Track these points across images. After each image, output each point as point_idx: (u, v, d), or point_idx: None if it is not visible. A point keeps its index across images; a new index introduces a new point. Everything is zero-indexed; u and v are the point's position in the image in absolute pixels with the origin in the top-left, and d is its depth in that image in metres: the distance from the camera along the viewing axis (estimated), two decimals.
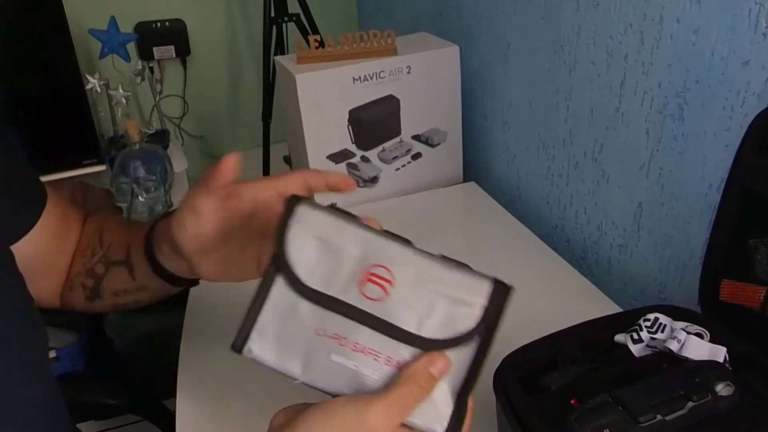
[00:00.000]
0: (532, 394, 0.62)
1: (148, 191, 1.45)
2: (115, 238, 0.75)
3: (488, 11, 1.24)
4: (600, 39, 0.94)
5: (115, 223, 0.79)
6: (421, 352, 0.48)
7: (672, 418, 0.54)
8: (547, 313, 0.79)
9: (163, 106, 2.09)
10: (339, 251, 0.51)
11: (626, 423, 0.53)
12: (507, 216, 1.16)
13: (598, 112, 0.98)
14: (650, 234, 0.92)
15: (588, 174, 1.03)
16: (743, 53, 0.72)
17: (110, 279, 0.74)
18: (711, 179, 0.79)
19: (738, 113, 0.74)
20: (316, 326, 0.49)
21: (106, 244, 0.75)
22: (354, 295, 0.49)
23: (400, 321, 0.49)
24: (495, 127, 1.29)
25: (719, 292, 0.67)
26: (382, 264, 0.50)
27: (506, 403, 0.60)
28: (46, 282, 0.76)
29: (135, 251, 0.70)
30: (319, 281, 0.50)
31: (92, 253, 0.76)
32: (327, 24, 2.05)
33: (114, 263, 0.73)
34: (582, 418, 0.54)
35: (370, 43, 1.17)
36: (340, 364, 0.49)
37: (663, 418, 0.54)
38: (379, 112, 1.19)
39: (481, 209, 1.20)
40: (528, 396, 0.61)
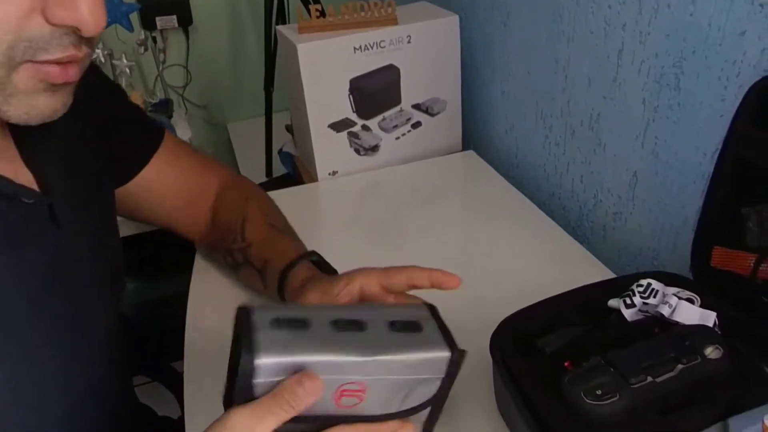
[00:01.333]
0: (528, 356, 0.62)
1: None
2: (255, 240, 0.82)
3: None
4: (598, 8, 0.93)
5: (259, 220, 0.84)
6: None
7: (662, 379, 0.55)
8: (543, 278, 0.80)
9: (167, 75, 2.08)
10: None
11: (618, 384, 0.54)
12: (505, 184, 1.16)
13: (596, 82, 0.97)
14: (644, 202, 0.92)
15: (584, 143, 1.03)
16: (740, 24, 0.71)
17: (246, 272, 0.83)
18: (705, 148, 0.79)
19: (733, 83, 0.73)
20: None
21: (247, 241, 0.82)
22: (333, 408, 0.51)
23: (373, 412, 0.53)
24: (494, 96, 1.28)
25: (711, 259, 0.67)
26: (353, 380, 0.51)
27: (502, 365, 0.61)
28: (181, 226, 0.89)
29: (270, 274, 0.77)
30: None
31: (233, 240, 0.83)
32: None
33: (251, 264, 0.81)
34: (575, 380, 0.55)
35: (371, 13, 1.16)
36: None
37: (653, 379, 0.54)
38: (379, 81, 1.18)
39: (479, 177, 1.20)
40: (523, 358, 0.61)
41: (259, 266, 0.79)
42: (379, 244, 1.02)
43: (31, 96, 0.49)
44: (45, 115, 0.51)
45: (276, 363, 0.48)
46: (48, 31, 0.47)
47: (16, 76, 0.47)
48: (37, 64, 0.48)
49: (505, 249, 0.97)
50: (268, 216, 0.85)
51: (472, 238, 1.02)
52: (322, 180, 1.23)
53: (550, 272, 0.90)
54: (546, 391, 0.56)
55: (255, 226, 0.82)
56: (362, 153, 1.23)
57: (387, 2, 1.16)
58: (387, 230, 1.06)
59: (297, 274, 0.72)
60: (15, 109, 0.49)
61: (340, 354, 0.50)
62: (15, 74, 0.47)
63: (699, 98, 0.79)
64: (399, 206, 1.14)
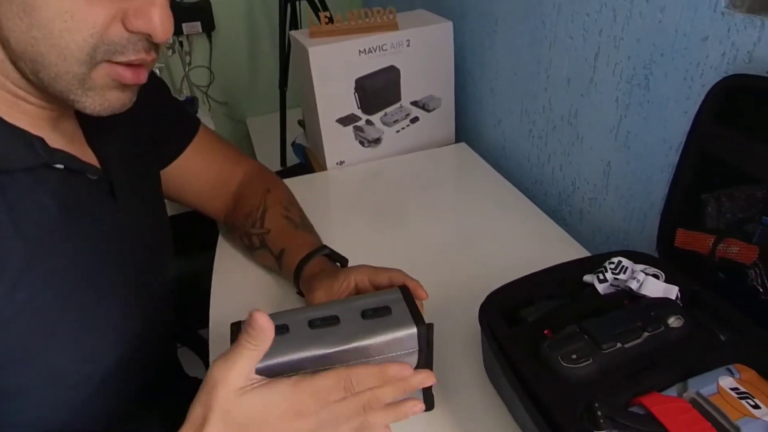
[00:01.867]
0: (512, 325, 0.63)
1: None
2: (273, 227, 0.83)
3: None
4: (577, 16, 0.93)
5: (279, 211, 0.85)
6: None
7: (630, 345, 0.55)
8: (527, 256, 0.80)
9: (192, 76, 2.08)
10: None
11: (591, 349, 0.54)
12: (493, 173, 1.16)
13: (574, 82, 0.97)
14: (617, 189, 0.92)
15: (564, 136, 1.03)
16: (703, 30, 0.71)
17: (262, 254, 0.84)
18: (671, 141, 0.79)
19: (697, 83, 0.73)
20: None
21: (266, 227, 0.83)
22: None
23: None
24: (483, 94, 1.28)
25: (674, 240, 0.67)
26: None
27: (489, 333, 0.61)
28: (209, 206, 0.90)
29: (286, 262, 0.79)
30: None
31: (252, 224, 0.85)
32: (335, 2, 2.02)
33: (269, 249, 0.82)
34: (553, 345, 0.56)
35: (374, 19, 1.15)
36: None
37: (622, 345, 0.55)
38: (381, 80, 1.18)
39: (470, 167, 1.20)
40: (508, 327, 0.62)
41: (276, 253, 0.81)
42: (381, 226, 1.02)
43: (105, 91, 0.52)
44: (115, 107, 0.54)
45: (264, 366, 0.50)
46: (126, 36, 0.49)
47: (95, 73, 0.50)
48: (113, 64, 0.50)
49: (492, 230, 0.97)
50: (287, 208, 0.85)
51: (463, 221, 1.02)
52: (330, 169, 1.23)
53: (532, 251, 0.90)
54: (528, 355, 0.57)
55: (274, 216, 0.83)
56: (366, 145, 1.23)
57: (388, 10, 1.16)
58: (388, 214, 1.06)
59: (311, 267, 0.74)
60: (91, 101, 0.52)
61: (318, 348, 0.52)
62: (94, 71, 0.50)
63: (666, 96, 0.79)
64: (399, 192, 1.14)
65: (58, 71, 0.49)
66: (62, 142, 0.57)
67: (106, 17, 0.48)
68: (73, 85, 0.50)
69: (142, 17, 0.49)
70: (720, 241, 0.62)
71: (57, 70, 0.49)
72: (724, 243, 0.62)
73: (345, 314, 0.55)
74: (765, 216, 0.59)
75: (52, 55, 0.48)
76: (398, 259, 0.74)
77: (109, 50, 0.49)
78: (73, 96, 0.51)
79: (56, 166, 0.55)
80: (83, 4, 0.46)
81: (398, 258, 0.76)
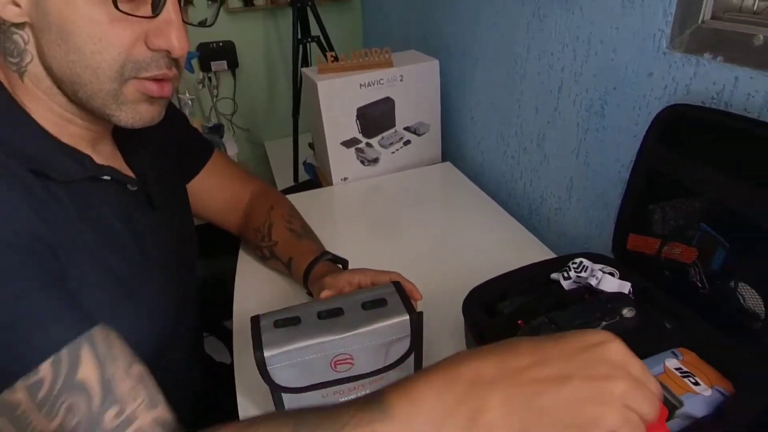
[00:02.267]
0: (490, 316, 0.63)
1: None
2: (280, 239, 0.83)
3: (461, 34, 1.23)
4: (544, 55, 0.94)
5: (283, 225, 0.84)
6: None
7: None
8: (503, 258, 0.80)
9: (219, 106, 2.08)
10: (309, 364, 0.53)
11: None
12: (474, 188, 1.16)
13: (542, 110, 0.98)
14: (578, 201, 0.93)
15: (533, 156, 1.03)
16: (648, 67, 0.72)
17: (273, 263, 0.84)
18: (623, 161, 0.80)
19: (644, 112, 0.74)
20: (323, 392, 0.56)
21: (273, 240, 0.83)
22: (332, 374, 0.54)
23: (364, 371, 0.55)
24: (465, 120, 1.29)
25: (627, 243, 0.68)
26: (340, 353, 0.53)
27: (471, 323, 0.61)
28: (226, 222, 0.89)
29: (295, 268, 0.79)
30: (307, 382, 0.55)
31: (261, 238, 0.84)
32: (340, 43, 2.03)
33: (278, 258, 0.82)
34: (525, 334, 0.55)
35: (372, 58, 1.16)
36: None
37: None
38: (379, 109, 1.18)
39: (454, 183, 1.21)
40: (487, 318, 0.62)
41: (285, 261, 0.81)
42: (379, 233, 1.02)
43: (136, 104, 0.52)
44: (146, 120, 0.53)
45: (281, 352, 0.51)
46: (149, 55, 0.49)
47: (125, 89, 0.50)
48: (140, 80, 0.50)
49: (474, 236, 0.97)
50: (289, 221, 0.85)
51: (449, 228, 1.02)
52: (336, 184, 1.23)
53: (508, 254, 0.90)
54: None
55: (279, 229, 0.83)
56: (366, 164, 1.24)
57: (384, 50, 1.17)
58: (384, 222, 1.07)
59: (316, 271, 0.75)
60: (125, 114, 0.51)
61: (326, 336, 0.52)
62: (125, 87, 0.50)
63: (618, 123, 0.79)
64: (394, 204, 1.14)
65: (93, 89, 0.49)
66: (104, 160, 0.57)
67: (130, 38, 0.48)
68: (108, 101, 0.50)
69: (162, 37, 0.48)
70: (665, 244, 0.63)
71: (93, 88, 0.49)
72: (668, 246, 0.62)
73: (348, 306, 0.55)
74: (702, 223, 0.59)
75: (87, 74, 0.48)
76: (393, 261, 0.74)
77: (135, 67, 0.49)
78: (109, 111, 0.51)
79: (103, 177, 0.55)
80: (109, 28, 0.46)
81: (393, 260, 0.76)
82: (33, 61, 0.49)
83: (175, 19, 0.49)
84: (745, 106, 0.60)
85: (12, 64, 0.49)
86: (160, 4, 0.48)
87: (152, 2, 0.48)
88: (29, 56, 0.49)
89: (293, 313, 0.54)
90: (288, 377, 0.53)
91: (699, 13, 0.63)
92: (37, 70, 0.49)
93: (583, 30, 0.82)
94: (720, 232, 0.57)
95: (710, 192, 0.58)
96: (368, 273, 0.68)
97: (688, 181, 0.60)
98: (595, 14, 0.80)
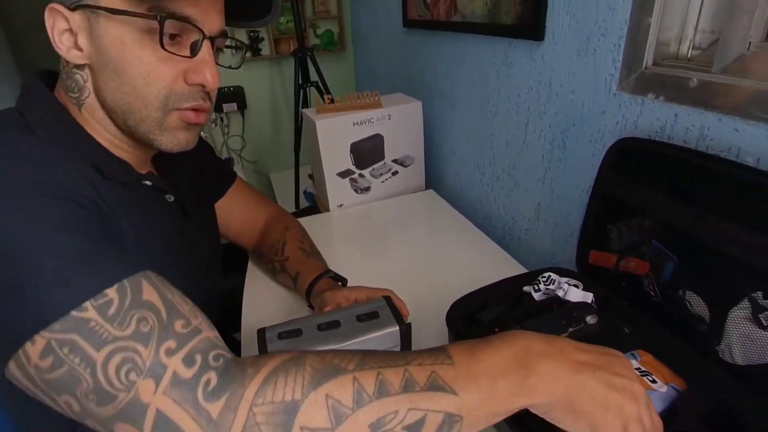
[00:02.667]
0: (471, 326, 0.62)
1: None
2: (291, 255, 0.82)
3: (440, 79, 1.25)
4: (513, 96, 0.95)
5: (295, 243, 0.84)
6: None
7: None
8: (481, 274, 0.80)
9: (230, 142, 2.09)
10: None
11: None
12: (454, 212, 1.16)
13: (512, 144, 0.99)
14: (546, 222, 0.93)
15: (505, 184, 1.04)
16: (602, 106, 0.73)
17: (282, 276, 0.84)
18: (583, 186, 0.80)
19: (599, 144, 0.75)
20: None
21: (285, 256, 0.83)
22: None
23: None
24: (445, 153, 1.30)
25: (588, 259, 0.68)
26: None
27: (454, 332, 0.61)
28: (244, 238, 0.88)
29: (301, 282, 0.78)
30: None
31: (275, 252, 0.84)
32: (335, 87, 2.07)
33: (287, 272, 0.82)
34: None
35: (364, 100, 1.17)
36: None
37: None
38: (370, 144, 1.19)
39: (437, 208, 1.21)
40: (468, 327, 0.62)
41: (293, 275, 0.80)
42: (370, 253, 1.02)
43: (175, 131, 0.53)
44: (183, 144, 0.55)
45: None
46: (187, 89, 0.51)
47: (169, 117, 0.52)
48: (181, 110, 0.52)
49: (455, 255, 0.97)
50: (301, 241, 0.85)
51: (432, 248, 1.02)
52: (332, 210, 1.23)
53: (485, 270, 0.90)
54: None
55: (291, 247, 0.83)
56: (359, 192, 1.24)
57: (374, 93, 1.18)
58: (376, 243, 1.06)
59: (319, 286, 0.75)
60: (166, 139, 0.53)
61: (326, 345, 0.52)
62: (168, 116, 0.52)
63: (578, 154, 0.80)
64: (384, 227, 1.14)
65: (141, 116, 0.51)
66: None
67: (172, 75, 0.50)
68: (153, 127, 0.52)
69: (198, 74, 0.51)
70: (621, 259, 0.63)
71: (141, 115, 0.51)
72: (624, 260, 0.63)
73: (344, 319, 0.55)
74: (653, 239, 0.60)
75: (138, 103, 0.50)
76: (384, 278, 0.74)
77: (177, 99, 0.51)
78: (153, 136, 0.53)
79: (146, 182, 0.56)
80: (156, 66, 0.49)
81: (384, 277, 0.76)
82: (90, 96, 0.51)
83: (209, 59, 0.51)
84: (684, 138, 0.61)
85: (72, 98, 0.52)
86: (198, 47, 0.50)
87: (191, 45, 0.50)
88: (87, 92, 0.51)
89: (295, 325, 0.54)
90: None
91: (642, 60, 0.65)
92: (93, 103, 0.52)
93: (545, 75, 0.84)
94: (668, 247, 0.58)
95: (658, 213, 0.58)
96: (364, 290, 0.68)
97: (638, 204, 0.60)
98: (554, 62, 0.82)
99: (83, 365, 0.35)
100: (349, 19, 2.11)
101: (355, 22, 2.05)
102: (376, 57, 1.83)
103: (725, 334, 0.50)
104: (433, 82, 1.29)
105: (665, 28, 0.63)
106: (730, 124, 0.56)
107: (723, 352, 0.50)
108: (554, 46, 0.81)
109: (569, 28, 0.77)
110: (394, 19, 1.50)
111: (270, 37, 1.99)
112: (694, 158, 0.54)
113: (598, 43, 0.71)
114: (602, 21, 0.70)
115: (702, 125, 0.59)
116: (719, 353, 0.51)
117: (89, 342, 0.35)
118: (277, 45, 2.01)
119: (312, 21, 2.06)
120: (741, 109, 0.54)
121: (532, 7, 0.83)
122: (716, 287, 0.52)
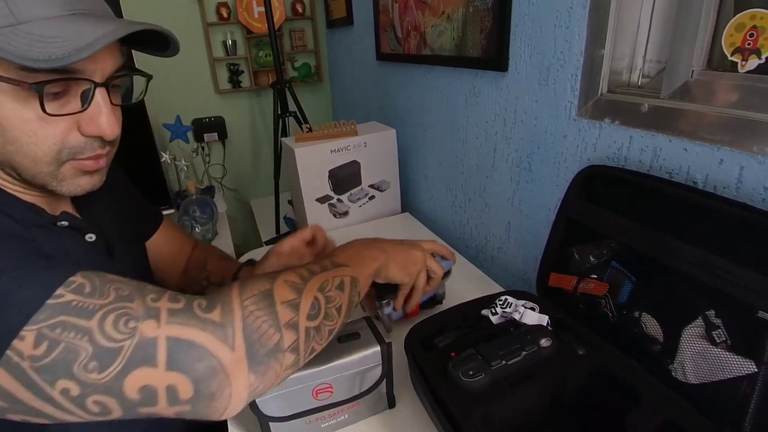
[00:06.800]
0: (428, 349, 0.61)
1: (203, 225, 1.43)
2: (214, 268, 0.80)
3: (413, 108, 1.26)
4: (481, 123, 0.96)
5: (215, 256, 0.83)
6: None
7: (512, 362, 0.54)
8: (457, 291, 0.80)
9: (211, 170, 2.08)
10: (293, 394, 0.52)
11: (483, 366, 0.53)
12: (429, 233, 1.16)
13: (481, 168, 0.99)
14: (516, 240, 0.93)
15: (477, 205, 1.04)
16: (563, 130, 0.74)
17: (212, 288, 0.79)
18: (549, 206, 0.81)
19: (562, 166, 0.76)
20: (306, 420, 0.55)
21: (208, 270, 0.80)
22: (314, 403, 0.53)
23: (342, 398, 0.55)
24: (419, 178, 1.30)
25: (549, 280, 0.67)
26: (320, 382, 0.52)
27: (411, 357, 0.59)
28: (169, 277, 0.81)
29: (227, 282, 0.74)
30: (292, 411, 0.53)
31: (199, 271, 0.81)
32: (313, 117, 2.08)
33: (212, 283, 0.79)
34: (456, 364, 0.54)
35: (341, 129, 1.18)
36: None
37: (506, 362, 0.54)
38: (347, 171, 1.19)
39: (412, 229, 1.20)
40: (425, 351, 0.60)
41: (218, 282, 0.78)
42: None
43: (75, 179, 0.49)
44: (87, 189, 0.51)
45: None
46: (83, 140, 0.47)
47: (63, 168, 0.48)
48: (77, 160, 0.48)
49: None
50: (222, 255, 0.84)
51: None
52: None
53: (460, 287, 0.88)
54: (438, 372, 0.55)
55: (212, 263, 0.81)
56: (338, 216, 1.23)
57: (351, 122, 1.19)
58: None
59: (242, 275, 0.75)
60: (66, 187, 0.49)
61: (308, 368, 0.51)
62: (62, 167, 0.47)
63: (543, 175, 0.81)
64: None
65: (33, 172, 0.47)
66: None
67: (63, 129, 0.45)
68: (48, 180, 0.48)
69: (93, 124, 0.46)
70: (581, 281, 0.62)
71: (32, 172, 0.47)
72: (584, 282, 0.62)
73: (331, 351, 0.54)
74: (613, 261, 0.60)
75: (26, 161, 0.46)
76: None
77: (71, 152, 0.47)
78: (51, 187, 0.48)
79: (61, 223, 0.52)
80: (41, 125, 0.44)
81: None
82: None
83: (103, 106, 0.46)
84: (639, 158, 0.62)
85: None
86: (89, 99, 0.45)
87: (81, 95, 0.45)
88: None
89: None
90: (275, 407, 0.51)
91: (598, 88, 0.66)
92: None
93: (510, 103, 0.86)
94: (628, 268, 0.57)
95: (619, 235, 0.58)
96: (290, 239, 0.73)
97: (601, 227, 0.61)
98: (518, 90, 0.83)
99: (79, 336, 0.37)
100: (326, 53, 2.13)
101: (331, 56, 2.08)
102: (351, 88, 1.84)
103: (679, 351, 0.49)
104: (406, 111, 1.31)
105: (617, 58, 0.65)
106: (680, 145, 0.57)
107: (676, 370, 0.49)
108: (518, 77, 0.82)
109: (531, 60, 0.78)
110: (368, 53, 1.53)
111: (250, 70, 2.00)
112: (654, 183, 0.55)
113: (558, 73, 0.73)
114: (560, 53, 0.72)
115: (655, 146, 0.60)
116: (672, 372, 0.50)
117: (78, 316, 0.37)
118: (256, 77, 2.03)
119: (290, 54, 2.08)
120: (688, 131, 0.55)
121: (495, 42, 0.85)
122: (672, 306, 0.51)
